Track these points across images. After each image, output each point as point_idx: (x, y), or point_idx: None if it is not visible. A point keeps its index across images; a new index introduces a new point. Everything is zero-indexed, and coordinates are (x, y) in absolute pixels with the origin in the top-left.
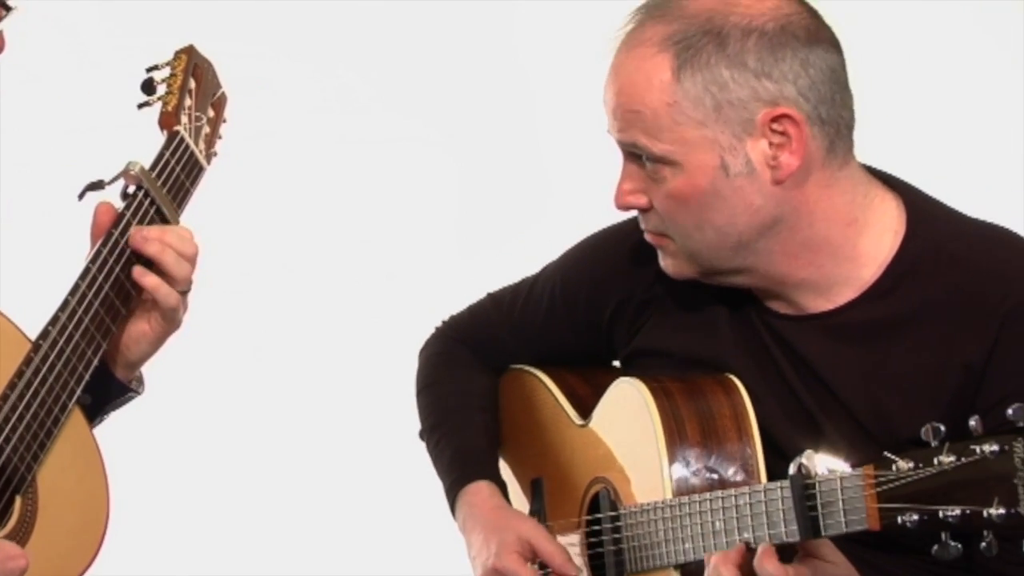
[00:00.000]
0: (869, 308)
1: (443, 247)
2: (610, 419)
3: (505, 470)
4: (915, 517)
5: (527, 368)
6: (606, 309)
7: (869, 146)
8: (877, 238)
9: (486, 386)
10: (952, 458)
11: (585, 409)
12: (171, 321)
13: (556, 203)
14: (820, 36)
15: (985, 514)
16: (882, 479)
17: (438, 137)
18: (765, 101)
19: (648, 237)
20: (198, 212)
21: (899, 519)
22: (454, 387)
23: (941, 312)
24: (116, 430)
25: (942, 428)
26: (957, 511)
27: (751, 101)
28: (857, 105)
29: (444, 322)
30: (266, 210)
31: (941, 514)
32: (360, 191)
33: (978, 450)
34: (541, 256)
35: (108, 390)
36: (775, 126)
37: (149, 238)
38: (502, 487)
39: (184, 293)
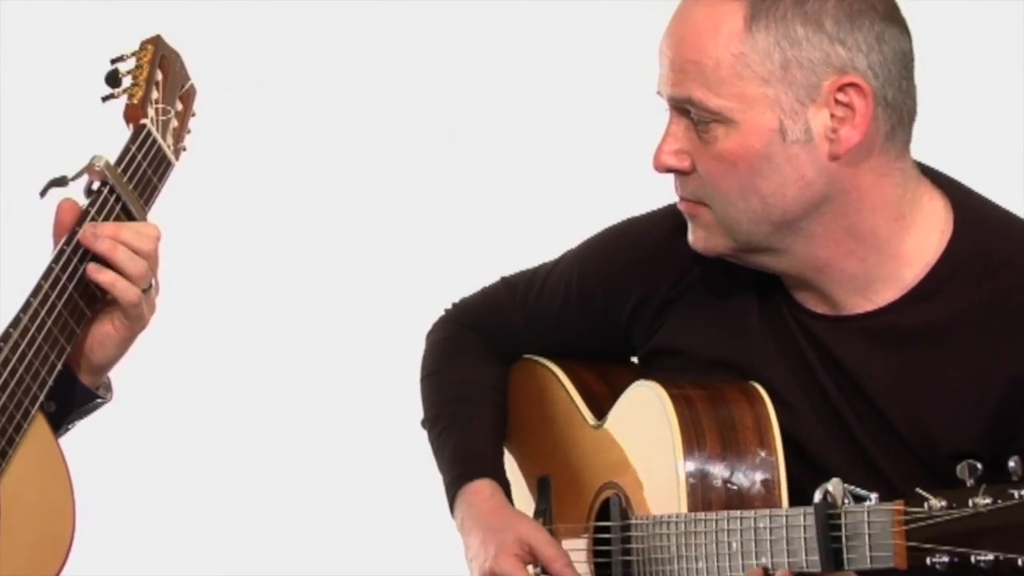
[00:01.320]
0: (911, 311)
1: (443, 247)
2: (626, 423)
3: (511, 464)
4: (945, 559)
5: (540, 360)
6: (625, 307)
7: None
8: (923, 238)
9: (495, 376)
10: (988, 500)
11: (600, 409)
12: (135, 321)
13: (556, 203)
14: (896, 16)
15: (1020, 563)
16: (912, 516)
17: (438, 137)
18: (835, 68)
19: (682, 206)
20: (198, 212)
21: (928, 560)
22: (460, 376)
23: (987, 319)
24: (115, 431)
25: (979, 467)
26: (990, 556)
27: (821, 65)
28: None
29: (454, 304)
30: (266, 210)
31: (973, 559)
32: (360, 191)
33: (1016, 495)
34: (541, 256)
35: (73, 397)
36: (840, 96)
37: (100, 235)
38: (505, 486)
39: (146, 291)
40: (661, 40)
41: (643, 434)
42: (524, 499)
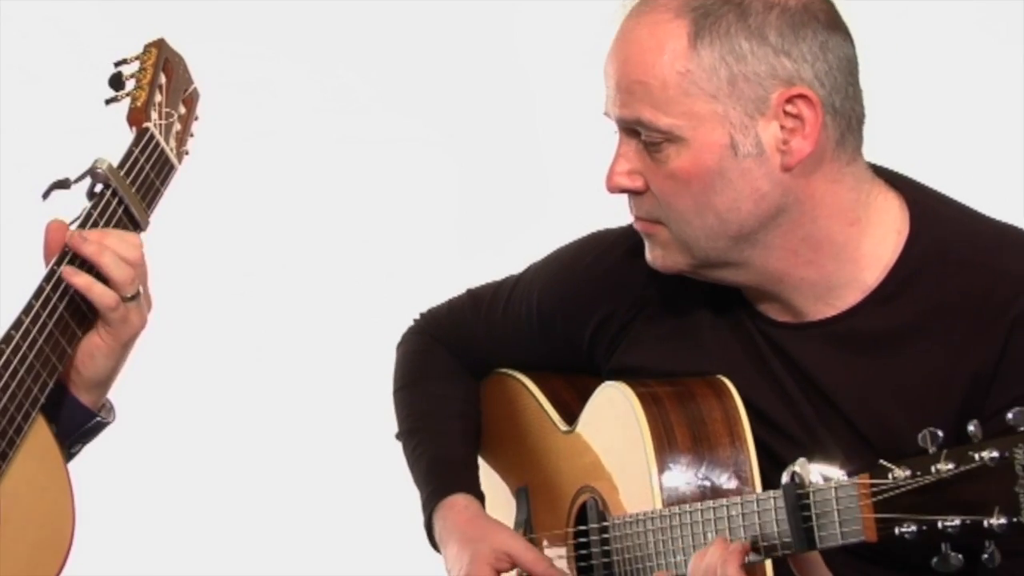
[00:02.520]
0: (873, 314)
1: (443, 247)
2: (596, 425)
3: (490, 478)
4: (913, 528)
5: (510, 372)
6: (585, 329)
7: (869, 145)
8: (880, 239)
9: (465, 389)
10: (951, 465)
11: (570, 415)
12: (118, 328)
13: (556, 203)
14: (838, 24)
15: (986, 524)
16: (878, 488)
17: (438, 137)
18: (782, 80)
19: (638, 225)
20: (198, 212)
21: (897, 530)
22: (431, 390)
23: (948, 318)
24: (115, 432)
25: (940, 434)
26: (957, 521)
27: (768, 78)
28: None
29: (422, 315)
30: (266, 210)
31: (940, 524)
32: (360, 191)
33: (977, 457)
34: (541, 257)
35: (73, 416)
36: (789, 108)
37: (88, 238)
38: (480, 498)
39: (132, 299)
40: (605, 62)
41: (613, 435)
42: (506, 512)
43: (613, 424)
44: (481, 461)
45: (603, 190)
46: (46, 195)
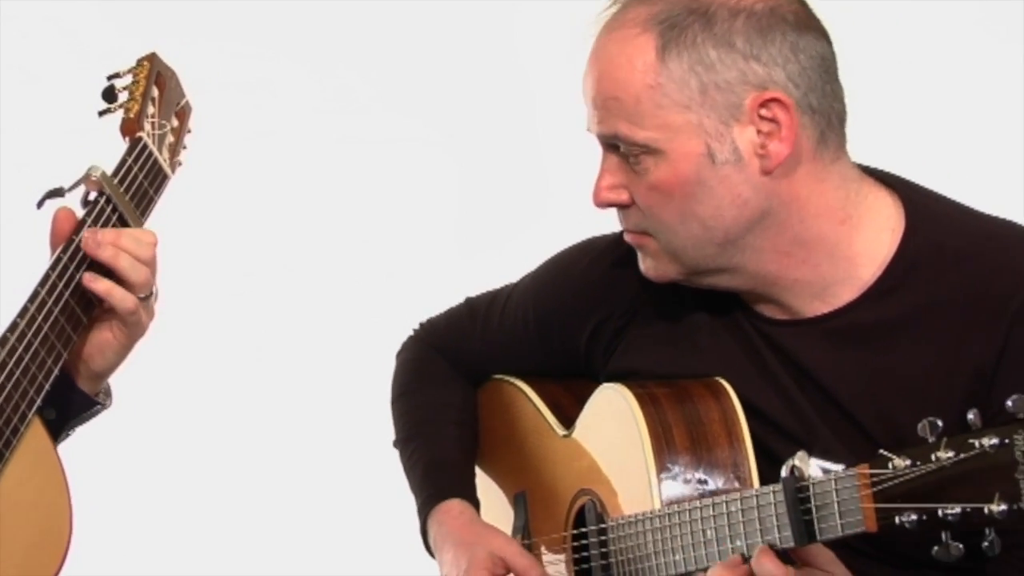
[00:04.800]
0: (870, 309)
1: (443, 247)
2: (594, 428)
3: (488, 484)
4: (913, 517)
5: (507, 378)
6: (581, 336)
7: (868, 145)
8: (874, 236)
9: (461, 397)
10: (950, 454)
11: (568, 419)
12: (133, 328)
13: (556, 203)
14: (810, 23)
15: (986, 511)
16: (878, 478)
17: (438, 137)
18: (753, 85)
19: (628, 237)
20: (199, 212)
21: (897, 519)
22: (428, 398)
23: (947, 312)
24: (113, 433)
25: (939, 423)
26: (957, 509)
27: (739, 84)
28: (856, 103)
29: (421, 325)
30: (266, 210)
31: (940, 512)
32: (360, 191)
33: (977, 444)
34: (541, 257)
35: (72, 403)
36: (763, 112)
37: (103, 242)
38: (475, 504)
39: (145, 299)
40: (582, 80)
41: (612, 436)
42: (504, 517)
43: (611, 425)
44: (479, 468)
45: None
46: (40, 203)
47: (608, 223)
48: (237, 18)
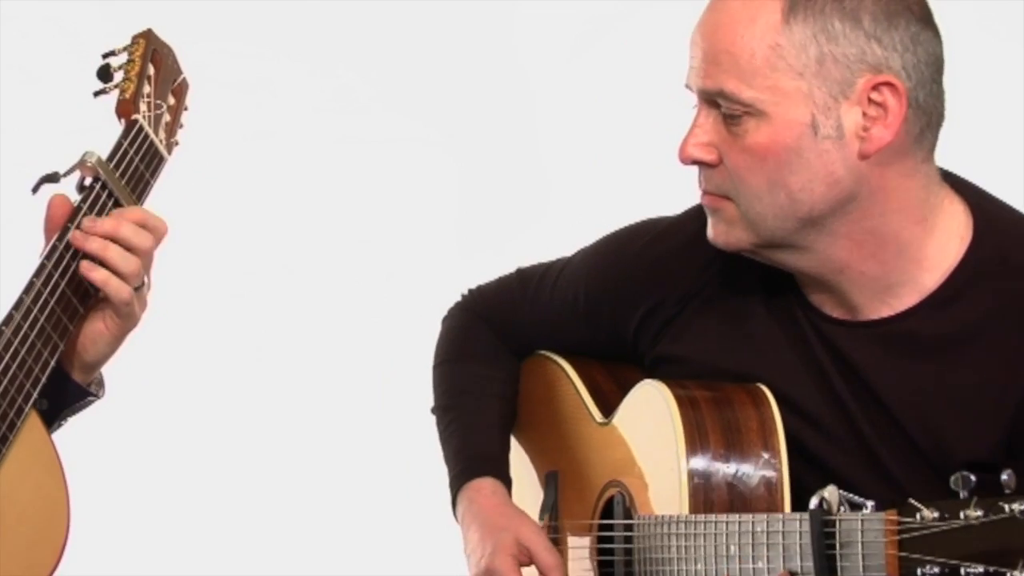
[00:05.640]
0: (930, 318)
1: (443, 247)
2: (632, 421)
3: (521, 458)
4: (936, 571)
5: (551, 356)
6: (632, 318)
7: None
8: (944, 242)
9: (505, 371)
10: (979, 513)
11: (608, 406)
12: (126, 318)
13: (556, 203)
14: (931, 20)
15: None
16: (905, 526)
17: (438, 137)
18: (870, 65)
19: (705, 200)
20: (199, 212)
21: (919, 571)
22: (471, 369)
23: (1005, 326)
24: (111, 429)
25: (972, 478)
26: (980, 569)
27: (856, 62)
28: None
29: (471, 291)
30: (266, 210)
31: (963, 571)
32: (360, 191)
33: (1007, 508)
34: (541, 256)
35: (65, 394)
36: (874, 95)
37: (90, 234)
38: (507, 484)
39: (137, 289)
40: (693, 31)
41: (648, 433)
42: (533, 494)
43: (648, 422)
44: (513, 441)
45: (603, 190)
46: (36, 188)
47: (608, 224)
48: (237, 18)
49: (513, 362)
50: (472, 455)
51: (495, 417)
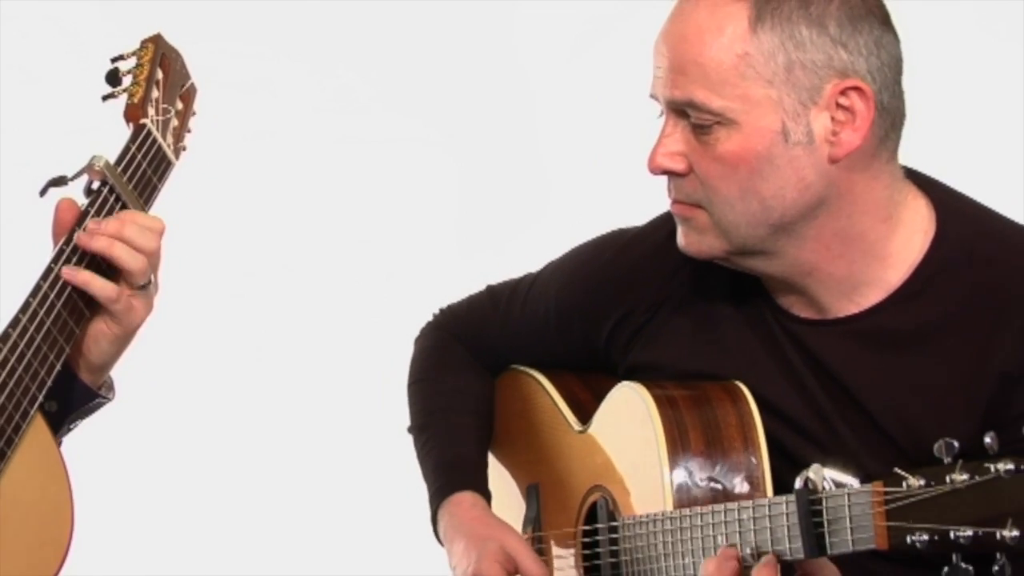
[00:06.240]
0: (897, 312)
1: (443, 247)
2: (610, 425)
3: (502, 474)
4: (925, 537)
5: (525, 369)
6: (603, 328)
7: None
8: (908, 238)
9: (479, 387)
10: (965, 476)
11: (585, 414)
12: (122, 317)
13: (556, 203)
14: (891, 22)
15: (998, 536)
16: (891, 496)
17: (438, 137)
18: (837, 70)
19: (675, 208)
20: (199, 212)
21: (908, 539)
22: (446, 386)
23: (974, 316)
24: (115, 432)
25: (955, 444)
26: (969, 532)
27: (824, 68)
28: None
29: (442, 310)
30: (266, 210)
31: (952, 535)
32: (360, 191)
33: (992, 469)
34: (541, 256)
35: (74, 396)
36: (842, 100)
37: (96, 234)
38: (487, 497)
39: (143, 287)
40: (658, 41)
41: (627, 435)
42: (516, 509)
43: (627, 424)
44: (492, 457)
45: (603, 190)
46: (43, 192)
47: (608, 224)
48: (237, 18)
49: (487, 378)
50: (449, 470)
51: (471, 432)
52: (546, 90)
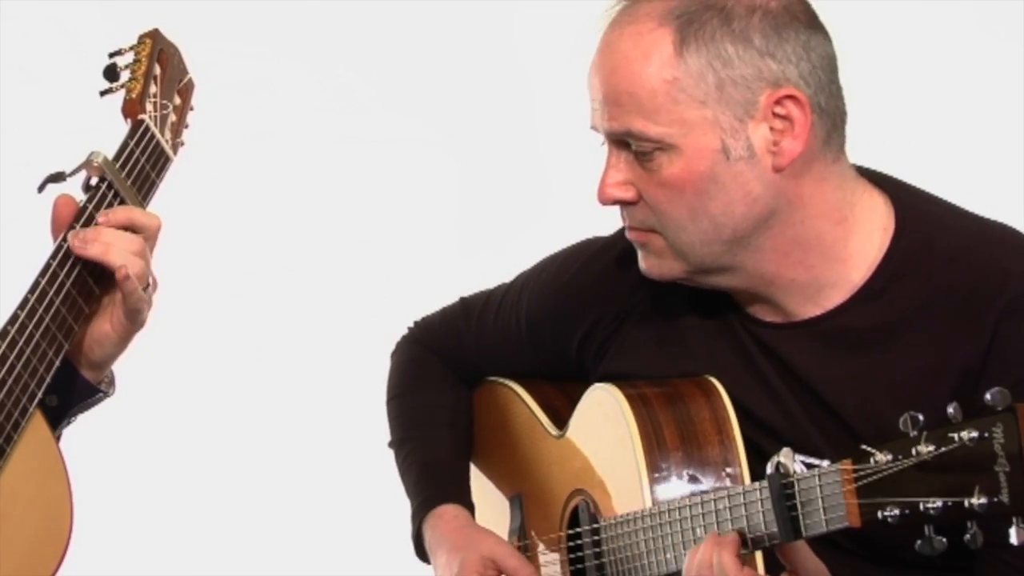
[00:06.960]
0: (860, 312)
1: (443, 247)
2: (586, 429)
3: (485, 486)
4: (896, 511)
5: (501, 380)
6: (573, 339)
7: (868, 146)
8: (866, 237)
9: (456, 399)
10: (931, 447)
11: (561, 420)
12: (134, 320)
13: (556, 203)
14: (818, 23)
15: (967, 504)
16: (860, 473)
17: (438, 137)
18: (768, 82)
19: (631, 235)
20: (199, 212)
21: (880, 514)
22: (422, 400)
23: (935, 312)
24: (114, 429)
25: (920, 417)
26: (939, 503)
27: (755, 80)
28: (855, 104)
29: (416, 323)
30: (266, 210)
31: (922, 506)
32: (360, 191)
33: (956, 437)
34: (541, 257)
35: (75, 391)
36: (778, 109)
37: (88, 239)
38: (470, 507)
39: (143, 289)
40: (589, 73)
41: (603, 437)
42: (502, 519)
43: (602, 426)
44: (475, 470)
45: None
46: (41, 188)
47: (608, 223)
48: (237, 18)
49: (464, 390)
50: (431, 484)
51: (451, 445)
52: (546, 90)
